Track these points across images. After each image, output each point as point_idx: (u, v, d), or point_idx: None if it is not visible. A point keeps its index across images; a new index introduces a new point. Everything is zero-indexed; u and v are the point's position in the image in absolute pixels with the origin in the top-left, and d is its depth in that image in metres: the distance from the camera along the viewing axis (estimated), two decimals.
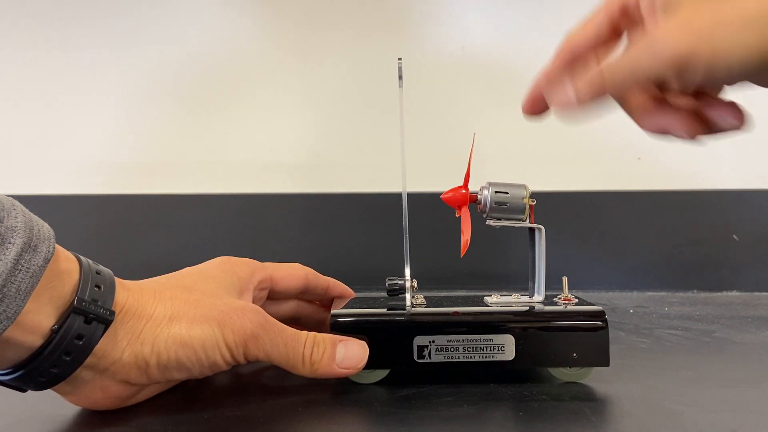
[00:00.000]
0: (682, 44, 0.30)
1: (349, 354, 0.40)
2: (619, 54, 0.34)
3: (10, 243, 0.31)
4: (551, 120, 0.39)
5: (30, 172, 0.82)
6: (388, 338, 0.41)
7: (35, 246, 0.32)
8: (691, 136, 0.36)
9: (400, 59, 0.43)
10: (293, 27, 0.82)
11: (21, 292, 0.31)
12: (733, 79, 0.32)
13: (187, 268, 0.43)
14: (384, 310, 0.43)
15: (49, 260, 0.32)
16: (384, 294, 0.45)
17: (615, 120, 0.42)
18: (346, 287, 0.49)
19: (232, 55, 0.82)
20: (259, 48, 0.82)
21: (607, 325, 0.41)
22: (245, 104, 0.82)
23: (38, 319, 0.32)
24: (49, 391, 0.36)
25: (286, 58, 0.82)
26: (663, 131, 0.37)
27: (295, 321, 0.47)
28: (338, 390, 0.41)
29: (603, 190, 0.79)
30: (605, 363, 0.41)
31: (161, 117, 0.82)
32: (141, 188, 0.82)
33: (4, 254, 0.30)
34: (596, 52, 0.37)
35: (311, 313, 0.49)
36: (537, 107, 0.38)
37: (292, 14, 0.82)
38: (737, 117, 0.35)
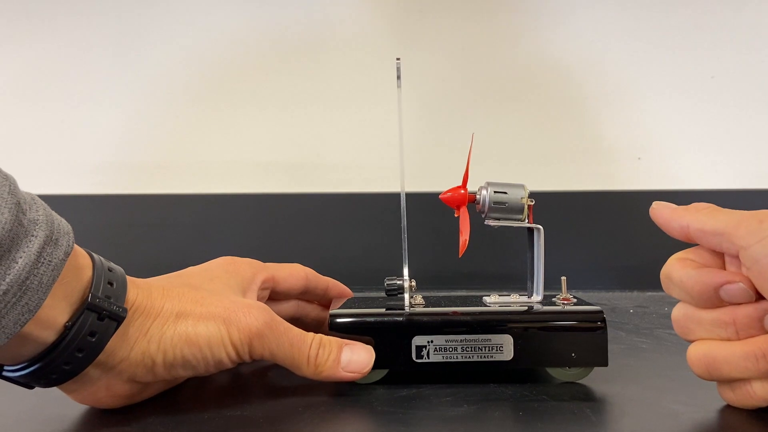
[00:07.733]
0: None
1: (355, 358, 0.40)
2: None
3: (33, 236, 0.31)
4: (550, 120, 0.39)
5: (31, 172, 0.82)
6: (386, 338, 0.41)
7: (56, 239, 0.32)
8: None
9: (398, 59, 0.43)
10: (293, 26, 0.82)
11: (43, 285, 0.31)
12: None
13: (191, 268, 0.43)
14: (382, 310, 0.43)
15: (69, 254, 0.32)
16: (382, 294, 0.45)
17: (615, 120, 0.42)
18: (345, 287, 0.49)
19: (232, 55, 0.82)
20: (259, 48, 0.82)
21: (605, 325, 0.41)
22: (245, 104, 0.82)
23: (53, 314, 0.32)
24: (51, 390, 0.36)
25: (285, 58, 0.82)
26: None
27: (295, 321, 0.47)
28: (338, 390, 0.41)
29: (603, 190, 0.79)
30: (604, 363, 0.41)
31: (161, 117, 0.82)
32: (141, 188, 0.82)
33: (28, 246, 0.30)
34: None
35: (311, 313, 0.50)
36: None
37: (292, 12, 0.82)
38: None
